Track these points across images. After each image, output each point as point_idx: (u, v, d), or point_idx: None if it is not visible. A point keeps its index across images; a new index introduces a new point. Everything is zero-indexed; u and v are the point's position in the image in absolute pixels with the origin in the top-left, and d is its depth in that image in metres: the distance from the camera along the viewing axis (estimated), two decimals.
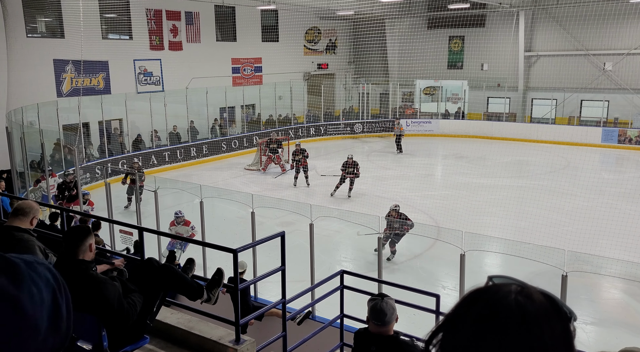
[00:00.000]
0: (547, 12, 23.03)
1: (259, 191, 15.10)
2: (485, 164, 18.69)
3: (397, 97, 25.93)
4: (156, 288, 3.30)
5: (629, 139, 20.40)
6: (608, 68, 21.84)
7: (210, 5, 20.37)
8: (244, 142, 21.22)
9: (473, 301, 0.84)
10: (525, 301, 0.81)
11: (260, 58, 23.37)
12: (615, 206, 12.04)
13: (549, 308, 0.82)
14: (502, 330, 0.79)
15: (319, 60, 26.55)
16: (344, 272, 4.78)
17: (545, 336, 0.79)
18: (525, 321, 0.79)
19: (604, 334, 7.17)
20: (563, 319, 0.82)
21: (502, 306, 0.81)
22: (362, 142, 23.85)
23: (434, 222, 12.31)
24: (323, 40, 26.74)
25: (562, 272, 5.30)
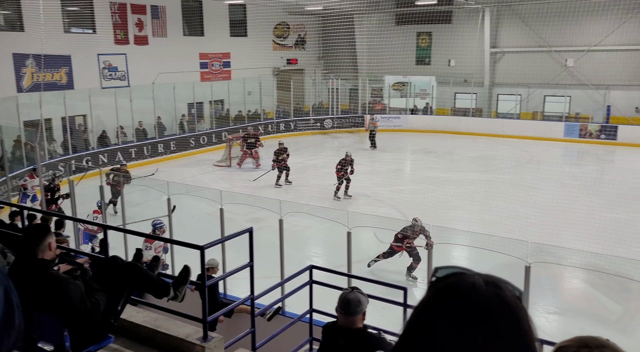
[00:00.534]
0: (511, 9, 23.50)
1: (229, 187, 14.98)
2: (453, 159, 19.00)
3: (366, 93, 26.07)
4: (120, 287, 3.24)
5: (589, 134, 21.03)
6: (569, 64, 22.45)
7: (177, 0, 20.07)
8: (213, 138, 21.00)
9: (448, 300, 0.83)
10: (499, 292, 0.82)
11: (228, 53, 23.13)
12: (576, 199, 12.40)
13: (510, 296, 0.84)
14: (492, 325, 0.79)
15: (288, 55, 26.45)
16: (312, 267, 4.79)
17: (523, 320, 0.81)
18: (510, 311, 0.80)
19: (566, 323, 7.39)
20: (520, 299, 0.85)
21: (483, 301, 0.81)
22: (332, 137, 23.91)
23: (403, 216, 12.43)
24: (292, 35, 26.65)
25: (525, 263, 5.43)
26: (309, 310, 4.63)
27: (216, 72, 22.90)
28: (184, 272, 3.66)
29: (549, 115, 22.96)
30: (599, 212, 11.64)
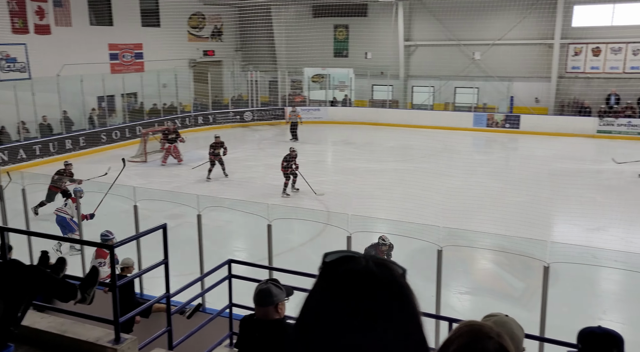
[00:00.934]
0: (423, 4, 24.38)
1: (145, 183, 14.42)
2: (372, 150, 19.47)
3: (286, 85, 26.04)
4: (20, 292, 3.02)
5: (495, 123, 22.37)
6: (477, 57, 23.71)
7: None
8: (126, 132, 20.08)
9: (342, 285, 0.83)
10: (391, 272, 0.84)
11: (140, 44, 22.16)
12: (485, 184, 13.15)
13: (400, 276, 0.86)
14: (387, 305, 0.81)
15: (205, 47, 25.81)
16: (231, 261, 4.73)
17: (412, 296, 0.84)
18: (402, 290, 0.82)
19: (476, 301, 7.86)
20: (404, 276, 0.88)
21: (378, 283, 0.82)
22: (253, 130, 23.69)
23: (324, 207, 12.61)
24: (208, 26, 26.00)
25: (437, 247, 5.69)
26: (228, 305, 4.58)
27: (128, 63, 21.88)
28: (91, 273, 3.48)
29: (460, 106, 24.14)
30: (505, 196, 12.43)
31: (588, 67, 21.91)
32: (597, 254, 7.64)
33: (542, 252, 5.63)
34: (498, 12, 22.33)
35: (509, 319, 2.12)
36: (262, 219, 7.06)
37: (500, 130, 22.08)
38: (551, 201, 12.73)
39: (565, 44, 21.98)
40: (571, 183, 13.95)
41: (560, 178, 14.75)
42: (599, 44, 21.53)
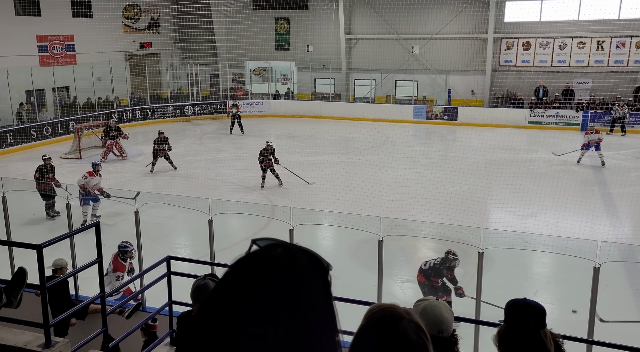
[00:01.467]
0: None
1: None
2: (316, 143, 19.54)
3: (227, 78, 25.65)
4: None
5: (435, 115, 23.00)
6: (416, 51, 24.24)
7: None
8: (59, 128, 19.14)
9: (245, 270, 0.84)
10: (291, 264, 0.84)
11: (72, 35, 21.14)
12: (425, 175, 13.51)
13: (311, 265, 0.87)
14: (274, 294, 0.80)
15: (142, 38, 24.97)
16: (170, 258, 4.63)
17: (310, 292, 0.84)
18: (294, 284, 0.82)
19: (418, 289, 8.06)
20: (323, 272, 0.88)
21: (272, 272, 0.83)
22: (194, 124, 23.21)
23: (268, 201, 12.56)
24: (144, 17, 25.16)
25: (378, 237, 5.79)
26: (168, 302, 4.47)
27: (58, 56, 20.82)
28: (17, 275, 3.30)
29: (400, 99, 24.64)
30: (444, 186, 12.82)
31: (519, 60, 22.92)
32: (529, 239, 8.04)
33: (477, 238, 5.86)
34: (435, 7, 22.92)
35: (439, 303, 2.19)
36: (204, 214, 6.94)
37: (439, 122, 22.72)
38: (487, 190, 13.26)
39: (498, 38, 22.87)
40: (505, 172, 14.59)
41: (495, 168, 15.37)
42: (529, 39, 22.57)
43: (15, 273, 3.34)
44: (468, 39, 23.36)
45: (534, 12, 22.20)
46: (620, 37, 21.22)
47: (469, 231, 7.13)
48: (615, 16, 21.03)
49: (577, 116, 20.92)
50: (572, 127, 20.72)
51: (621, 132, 19.86)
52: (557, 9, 21.34)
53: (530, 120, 21.60)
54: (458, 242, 8.42)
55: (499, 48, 23.05)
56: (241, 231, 10.66)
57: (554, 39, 22.17)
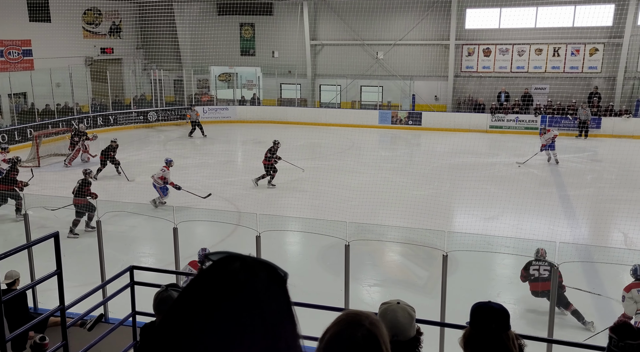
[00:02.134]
0: (327, 4, 24.81)
1: (38, 190, 13.41)
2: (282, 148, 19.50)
3: (192, 84, 25.38)
4: None
5: (399, 120, 23.32)
6: (380, 57, 24.55)
7: None
8: (15, 135, 18.52)
9: (205, 285, 0.84)
10: (250, 277, 0.85)
11: (29, 40, 20.52)
12: (390, 180, 13.67)
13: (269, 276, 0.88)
14: (237, 309, 0.81)
15: (103, 44, 24.46)
16: (133, 268, 4.54)
17: (271, 302, 0.85)
18: (255, 296, 0.83)
19: (384, 293, 8.15)
20: (281, 282, 0.89)
21: (232, 285, 0.83)
22: (158, 131, 22.84)
23: (235, 208, 12.45)
24: (105, 22, 24.65)
25: (345, 242, 5.82)
26: (131, 313, 4.38)
27: (15, 61, 20.17)
28: None
29: (365, 104, 24.89)
30: (409, 190, 13.00)
31: (480, 66, 23.50)
32: (491, 241, 8.21)
33: (441, 241, 5.96)
34: (398, 13, 23.29)
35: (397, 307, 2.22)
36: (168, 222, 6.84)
37: (404, 127, 23.04)
38: (451, 194, 13.52)
39: (460, 44, 23.40)
40: (468, 176, 14.90)
41: (458, 171, 15.69)
42: (489, 45, 23.17)
43: None
44: (431, 45, 23.81)
45: (494, 20, 22.83)
46: (575, 44, 22.03)
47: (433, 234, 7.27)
48: (570, 24, 21.83)
49: (535, 120, 21.56)
50: (531, 131, 21.35)
51: (584, 136, 20.54)
52: (516, 17, 21.99)
53: (492, 125, 22.14)
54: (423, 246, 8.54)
55: (461, 54, 23.58)
56: (207, 238, 10.53)
57: (512, 46, 22.83)
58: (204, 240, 10.29)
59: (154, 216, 7.47)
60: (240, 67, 26.13)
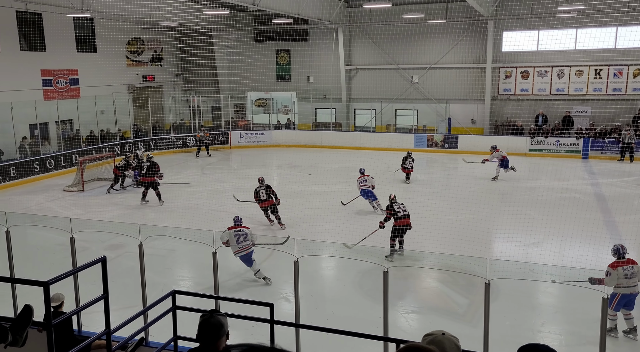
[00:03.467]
0: (362, 30, 25.11)
1: (82, 213, 13.84)
2: (316, 172, 19.60)
3: (229, 109, 25.93)
4: None
5: (435, 144, 23.13)
6: (415, 81, 24.56)
7: (11, 11, 18.12)
8: (62, 161, 19.24)
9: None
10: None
11: (76, 69, 21.46)
12: (427, 204, 13.49)
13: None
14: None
15: (144, 72, 25.35)
16: (175, 292, 4.59)
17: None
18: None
19: (423, 320, 7.97)
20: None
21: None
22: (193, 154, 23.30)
23: (271, 232, 12.52)
24: (147, 51, 25.59)
25: (383, 268, 5.75)
26: (172, 338, 4.42)
27: (62, 90, 21.09)
28: (23, 313, 3.28)
29: (401, 128, 24.84)
30: (446, 214, 12.79)
31: (518, 89, 23.18)
32: (534, 269, 7.97)
33: (482, 269, 5.81)
34: (433, 37, 23.34)
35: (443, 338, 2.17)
36: (206, 246, 6.91)
37: (440, 151, 22.82)
38: (490, 218, 13.23)
39: (497, 67, 23.19)
40: (508, 200, 14.58)
41: (497, 196, 15.38)
42: (527, 68, 22.87)
43: (21, 311, 3.31)
44: (467, 69, 23.69)
45: (532, 42, 22.56)
46: (617, 65, 21.51)
47: (473, 261, 7.09)
48: (612, 45, 21.37)
49: (577, 144, 21.03)
50: (573, 154, 20.81)
51: (629, 160, 19.89)
52: (555, 39, 21.70)
53: (531, 148, 21.70)
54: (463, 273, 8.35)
55: (498, 77, 23.35)
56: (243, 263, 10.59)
57: (551, 68, 22.48)
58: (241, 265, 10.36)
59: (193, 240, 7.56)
60: (276, 93, 26.57)
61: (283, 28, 24.12)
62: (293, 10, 20.44)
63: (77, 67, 21.47)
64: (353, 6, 24.59)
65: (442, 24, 22.39)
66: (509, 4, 21.13)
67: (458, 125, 23.77)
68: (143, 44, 25.29)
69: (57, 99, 20.31)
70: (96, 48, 22.27)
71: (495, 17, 22.14)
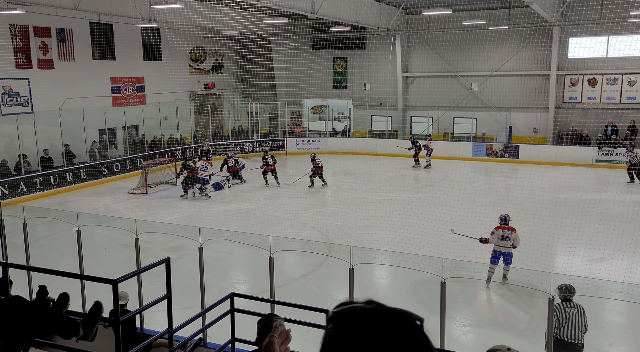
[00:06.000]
0: (420, 37, 24.84)
1: (145, 215, 14.41)
2: (372, 180, 19.51)
3: (285, 116, 26.30)
4: (23, 330, 2.99)
5: (495, 153, 22.49)
6: (474, 88, 24.01)
7: (85, 22, 19.23)
8: (127, 164, 20.15)
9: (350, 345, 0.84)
10: (390, 331, 0.85)
11: (142, 77, 22.47)
12: (485, 214, 13.11)
13: (406, 326, 0.87)
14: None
15: (206, 79, 26.17)
16: (234, 295, 4.69)
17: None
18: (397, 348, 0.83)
19: (480, 334, 7.74)
20: (419, 329, 0.88)
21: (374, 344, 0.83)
22: (253, 161, 23.75)
23: (325, 238, 12.56)
24: (209, 59, 26.42)
25: (440, 279, 5.64)
26: (230, 339, 4.52)
27: (129, 96, 22.14)
28: (94, 309, 3.45)
29: (458, 136, 24.32)
30: None
31: (585, 97, 22.16)
32: (601, 286, 7.58)
33: (545, 283, 5.58)
34: (495, 44, 22.75)
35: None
36: (261, 250, 7.03)
37: (499, 160, 22.17)
38: (553, 231, 12.69)
39: (562, 75, 22.30)
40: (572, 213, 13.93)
41: (561, 208, 14.73)
42: (595, 75, 21.85)
43: (92, 307, 3.49)
44: (529, 76, 22.92)
45: (601, 48, 21.52)
46: None
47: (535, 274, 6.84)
48: None
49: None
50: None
51: None
52: (626, 45, 20.63)
53: (599, 159, 20.68)
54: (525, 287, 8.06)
55: (563, 85, 22.44)
56: (298, 268, 10.68)
57: (622, 75, 21.37)
58: (294, 269, 10.45)
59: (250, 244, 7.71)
60: (332, 100, 26.71)
61: (340, 36, 24.25)
62: (351, 18, 20.52)
63: (143, 75, 22.47)
64: (411, 13, 24.38)
65: (504, 30, 21.79)
66: (576, 9, 20.26)
67: (519, 134, 23.01)
68: (205, 52, 26.13)
69: (124, 106, 21.33)
70: (161, 57, 23.24)
71: (561, 22, 21.32)
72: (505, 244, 9.31)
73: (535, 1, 17.10)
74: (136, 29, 21.02)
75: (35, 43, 18.36)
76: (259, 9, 19.58)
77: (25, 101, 18.16)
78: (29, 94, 18.22)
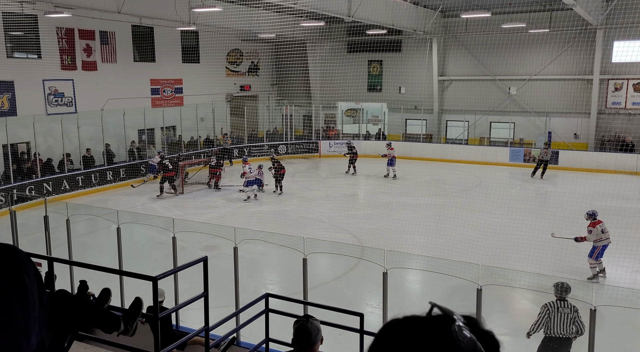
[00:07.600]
0: (457, 40, 24.53)
1: (181, 214, 14.68)
2: (405, 184, 19.36)
3: (319, 119, 26.37)
4: (68, 323, 3.09)
5: (533, 158, 21.96)
6: (512, 92, 23.54)
7: (127, 25, 19.79)
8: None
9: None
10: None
11: (180, 79, 22.94)
12: (522, 221, 12.84)
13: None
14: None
15: (242, 81, 26.51)
16: (268, 295, 4.73)
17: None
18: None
19: (517, 343, 7.56)
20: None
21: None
22: (287, 163, 23.86)
23: (357, 241, 12.52)
24: (245, 62, 26.77)
25: (477, 286, 5.55)
26: (264, 340, 4.55)
27: (168, 98, 22.63)
28: (135, 305, 3.53)
29: (495, 141, 23.87)
30: (543, 233, 12.07)
31: (629, 102, 21.43)
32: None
33: (587, 294, 5.42)
34: (535, 47, 22.27)
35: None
36: (295, 252, 7.06)
37: None
38: None
39: (605, 79, 21.63)
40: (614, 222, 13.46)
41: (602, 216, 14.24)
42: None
43: (132, 302, 3.58)
44: (570, 80, 22.32)
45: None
46: None
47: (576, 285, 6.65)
48: None
49: None
50: None
51: None
52: None
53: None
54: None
55: (606, 89, 21.76)
56: (330, 270, 10.68)
57: None
58: (326, 272, 10.46)
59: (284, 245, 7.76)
60: (367, 103, 26.64)
61: (376, 39, 24.17)
62: (388, 21, 20.44)
63: (181, 77, 22.94)
64: (449, 16, 24.11)
65: (544, 34, 21.32)
66: (621, 12, 19.64)
67: (559, 140, 22.43)
68: (242, 55, 26.48)
69: (163, 107, 21.81)
70: (199, 59, 23.68)
71: (606, 26, 20.69)
72: (608, 236, 9.75)
73: (579, 4, 16.65)
74: (176, 31, 21.49)
75: (79, 45, 18.99)
76: (296, 12, 19.73)
77: (70, 102, 18.79)
78: (73, 94, 18.85)
